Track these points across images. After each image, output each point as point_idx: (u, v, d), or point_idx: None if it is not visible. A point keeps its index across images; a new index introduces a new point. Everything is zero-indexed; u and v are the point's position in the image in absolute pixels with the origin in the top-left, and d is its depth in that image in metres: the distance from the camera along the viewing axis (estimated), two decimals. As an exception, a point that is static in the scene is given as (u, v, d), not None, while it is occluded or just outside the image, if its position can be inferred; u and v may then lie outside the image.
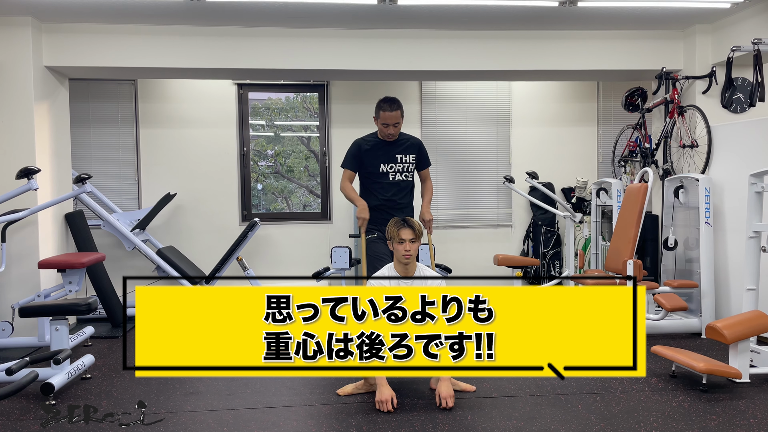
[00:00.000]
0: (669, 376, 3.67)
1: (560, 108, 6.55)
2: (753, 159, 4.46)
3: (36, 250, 4.76)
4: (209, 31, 5.07)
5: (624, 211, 4.94)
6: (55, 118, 5.11)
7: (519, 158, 6.50)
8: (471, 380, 3.56)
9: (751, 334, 3.47)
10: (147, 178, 6.07)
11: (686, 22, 5.20)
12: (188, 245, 6.06)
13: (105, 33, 4.98)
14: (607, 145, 6.52)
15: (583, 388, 3.46)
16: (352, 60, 5.21)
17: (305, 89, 6.34)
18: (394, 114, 3.80)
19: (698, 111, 5.00)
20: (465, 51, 5.30)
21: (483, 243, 6.45)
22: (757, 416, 3.04)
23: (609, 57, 5.40)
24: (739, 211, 4.53)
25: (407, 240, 3.31)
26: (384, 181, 3.91)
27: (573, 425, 2.94)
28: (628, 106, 5.82)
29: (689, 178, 4.88)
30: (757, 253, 3.77)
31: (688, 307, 4.75)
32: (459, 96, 6.42)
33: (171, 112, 6.10)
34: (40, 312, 3.68)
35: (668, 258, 5.16)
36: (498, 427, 2.93)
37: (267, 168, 6.52)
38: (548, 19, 5.07)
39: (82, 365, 3.66)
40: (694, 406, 3.19)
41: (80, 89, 5.90)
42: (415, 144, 4.01)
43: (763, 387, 3.47)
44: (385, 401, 3.14)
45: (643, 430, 2.88)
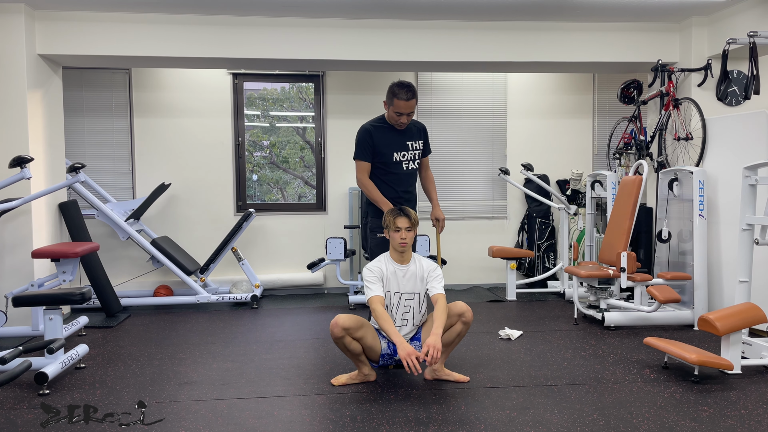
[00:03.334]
0: (661, 368, 3.69)
1: (556, 100, 6.55)
2: (747, 152, 4.47)
3: (29, 240, 4.74)
4: (204, 20, 5.03)
5: (618, 204, 4.96)
6: (49, 107, 5.08)
7: (514, 150, 6.50)
8: (464, 371, 3.58)
9: (743, 326, 3.50)
10: (141, 168, 6.04)
11: (683, 15, 5.20)
12: (183, 235, 6.05)
13: (99, 21, 4.94)
14: (603, 137, 6.53)
15: (576, 379, 3.48)
16: (347, 50, 5.19)
17: (301, 79, 6.32)
18: (409, 103, 3.61)
19: (693, 104, 5.00)
20: (461, 42, 5.28)
21: (478, 234, 6.46)
22: (748, 407, 3.07)
23: (605, 49, 5.40)
24: (733, 204, 4.55)
25: (403, 228, 3.32)
26: (399, 171, 3.75)
27: (566, 415, 2.96)
28: (623, 99, 5.83)
29: (684, 170, 4.89)
30: (750, 245, 3.78)
31: (681, 299, 4.79)
32: (455, 87, 6.40)
33: (166, 102, 6.06)
34: (34, 301, 3.67)
35: (662, 250, 5.18)
36: (491, 417, 2.94)
37: (262, 158, 6.50)
38: (545, 11, 5.06)
39: (76, 355, 3.65)
40: (685, 396, 3.22)
41: (74, 78, 5.86)
42: (422, 129, 3.89)
43: (754, 378, 3.50)
44: (411, 353, 3.03)
45: (636, 420, 2.90)
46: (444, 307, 3.27)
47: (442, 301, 3.30)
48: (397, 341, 3.10)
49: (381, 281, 3.36)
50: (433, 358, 3.03)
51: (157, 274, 5.94)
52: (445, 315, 3.24)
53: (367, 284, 3.34)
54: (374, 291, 3.30)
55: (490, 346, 4.18)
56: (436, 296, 3.34)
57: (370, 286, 3.32)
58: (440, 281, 3.39)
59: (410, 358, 3.02)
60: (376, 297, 3.28)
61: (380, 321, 3.20)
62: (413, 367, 3.01)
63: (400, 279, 3.39)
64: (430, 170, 4.03)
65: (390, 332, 3.15)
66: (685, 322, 4.74)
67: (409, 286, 3.40)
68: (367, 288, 3.33)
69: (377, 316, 3.21)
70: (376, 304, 3.24)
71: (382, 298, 3.30)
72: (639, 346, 4.16)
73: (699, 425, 2.84)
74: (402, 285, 3.39)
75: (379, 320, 3.20)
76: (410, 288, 3.40)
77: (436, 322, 3.19)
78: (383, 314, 3.21)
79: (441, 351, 3.10)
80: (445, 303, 3.30)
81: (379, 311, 3.22)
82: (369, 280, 3.34)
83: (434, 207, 3.93)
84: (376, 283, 3.33)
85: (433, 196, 3.98)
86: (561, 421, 2.89)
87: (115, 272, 5.82)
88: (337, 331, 3.23)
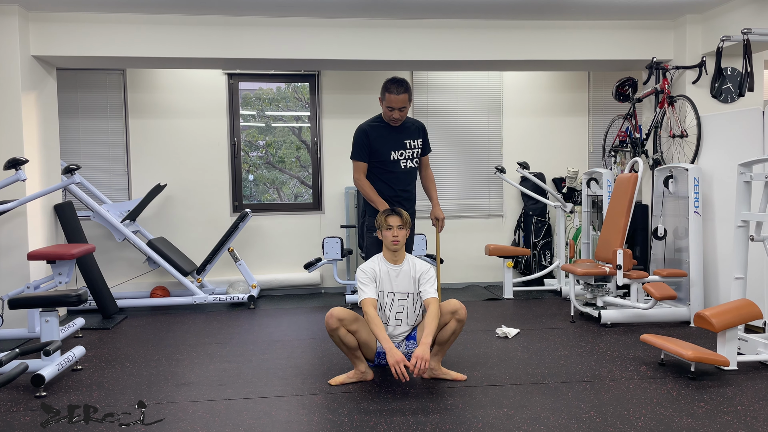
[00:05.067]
0: (658, 364, 3.70)
1: (551, 98, 6.56)
2: (742, 149, 4.48)
3: (25, 242, 4.73)
4: (199, 20, 5.02)
5: (614, 201, 4.97)
6: (43, 108, 5.07)
7: (510, 148, 6.51)
8: (461, 370, 3.59)
9: (738, 322, 3.51)
10: (137, 169, 6.03)
11: (677, 12, 5.21)
12: (179, 236, 6.04)
13: (93, 22, 4.93)
14: (598, 135, 6.54)
15: (573, 377, 3.49)
16: (343, 49, 5.19)
17: (296, 79, 6.31)
18: (401, 97, 3.59)
19: (688, 101, 5.02)
20: (456, 40, 5.29)
21: (474, 233, 6.47)
22: (744, 403, 3.08)
23: (600, 47, 5.41)
24: (728, 201, 4.56)
25: (395, 226, 3.32)
26: (397, 170, 3.73)
27: (563, 413, 2.96)
28: (618, 96, 5.84)
29: (679, 167, 4.91)
30: (746, 242, 3.80)
31: (677, 295, 4.80)
32: (450, 86, 6.41)
33: (161, 103, 6.05)
34: (30, 303, 3.66)
35: (658, 247, 5.20)
36: (488, 415, 2.95)
37: (258, 158, 6.49)
38: (540, 9, 5.06)
39: (72, 357, 3.65)
40: (682, 393, 3.23)
41: (68, 79, 5.84)
42: (421, 128, 3.87)
43: (750, 374, 3.51)
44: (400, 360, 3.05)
45: (632, 417, 2.91)
46: (435, 313, 3.24)
47: (433, 306, 3.27)
48: (387, 347, 3.11)
49: (374, 282, 3.35)
50: (420, 370, 3.04)
51: (153, 275, 5.93)
52: (435, 322, 3.22)
53: (359, 285, 3.34)
54: (366, 293, 3.30)
55: (487, 345, 4.18)
56: (427, 300, 3.32)
57: (362, 288, 3.32)
58: (432, 284, 3.37)
59: (398, 366, 3.04)
60: (368, 299, 3.28)
61: (371, 325, 3.19)
62: (401, 374, 3.04)
63: (393, 279, 3.38)
64: (431, 169, 4.01)
65: (380, 337, 3.15)
66: (681, 318, 4.76)
67: (402, 286, 3.39)
68: (359, 289, 3.33)
69: (368, 320, 3.21)
70: (368, 307, 3.24)
71: (374, 300, 3.29)
72: (635, 343, 4.18)
73: (695, 421, 2.85)
74: (395, 285, 3.39)
75: (371, 324, 3.20)
76: (403, 288, 3.39)
77: (426, 330, 3.18)
78: (374, 318, 3.21)
79: (429, 362, 3.10)
80: (437, 308, 3.27)
81: (370, 314, 3.21)
82: (362, 281, 3.34)
83: (434, 206, 3.92)
84: (369, 284, 3.33)
85: (433, 195, 3.97)
86: (558, 419, 2.89)
87: (112, 274, 5.81)
88: (332, 322, 3.23)
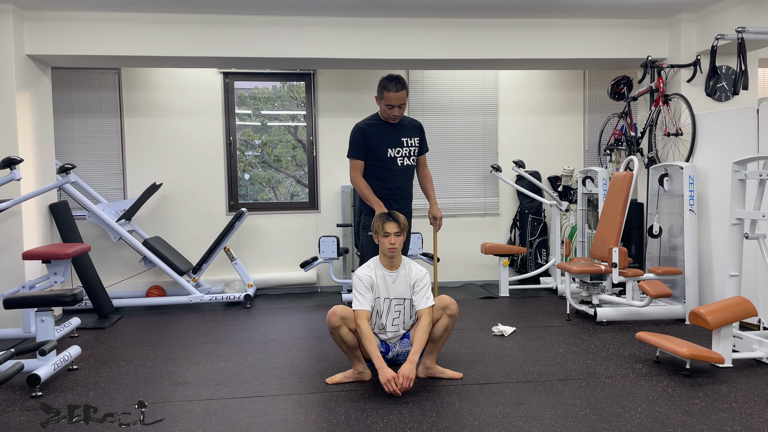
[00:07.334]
0: (653, 362, 3.72)
1: (547, 97, 6.57)
2: (736, 147, 4.50)
3: (20, 241, 4.71)
4: (194, 19, 5.01)
5: (609, 200, 4.98)
6: (38, 108, 5.05)
7: (506, 147, 6.51)
8: (457, 368, 3.59)
9: (733, 319, 3.53)
10: (132, 168, 6.02)
11: (672, 11, 5.22)
12: (175, 235, 6.03)
13: (88, 21, 4.91)
14: (593, 133, 6.56)
15: (568, 374, 3.50)
16: (338, 48, 5.18)
17: (292, 78, 6.30)
18: (400, 94, 3.60)
19: (683, 99, 5.03)
20: (452, 39, 5.29)
21: (470, 232, 6.47)
22: (739, 400, 3.09)
23: (595, 45, 5.42)
24: (723, 199, 4.58)
25: (392, 233, 3.31)
26: (393, 167, 3.73)
27: (559, 411, 2.97)
28: (613, 95, 5.85)
29: (674, 166, 4.92)
30: (740, 240, 3.81)
31: (672, 293, 4.81)
32: (446, 85, 6.41)
33: (156, 102, 6.03)
34: (25, 303, 3.65)
35: (653, 245, 5.22)
36: (485, 413, 2.96)
37: (254, 157, 6.48)
38: (535, 8, 5.07)
39: (68, 356, 3.64)
40: (677, 390, 3.24)
41: (63, 78, 5.82)
42: (418, 126, 3.87)
43: (745, 371, 3.53)
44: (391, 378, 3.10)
45: (628, 414, 2.92)
46: (426, 327, 3.24)
47: (425, 320, 3.26)
48: (378, 365, 3.14)
49: (370, 291, 3.34)
50: (404, 388, 3.11)
51: (149, 274, 5.92)
52: (425, 336, 3.24)
53: (355, 294, 3.33)
54: (361, 304, 3.28)
55: (483, 343, 4.19)
56: (420, 312, 3.32)
57: (358, 297, 3.31)
58: (426, 291, 3.35)
59: (390, 384, 3.09)
60: (361, 312, 3.26)
61: (364, 340, 3.20)
62: (393, 391, 3.09)
63: (389, 285, 3.38)
64: (428, 168, 4.01)
65: (372, 354, 3.16)
66: (677, 316, 4.78)
67: (398, 291, 3.38)
68: (355, 297, 3.32)
69: (361, 335, 3.21)
70: (361, 321, 3.23)
71: (368, 313, 3.28)
72: (631, 340, 4.19)
73: (691, 419, 2.86)
74: (392, 291, 3.38)
75: (363, 339, 3.20)
76: (400, 294, 3.38)
77: (414, 346, 3.20)
78: (367, 333, 3.21)
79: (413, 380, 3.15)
80: (429, 322, 3.27)
81: (363, 329, 3.21)
82: (358, 290, 3.32)
83: (432, 205, 3.92)
84: (365, 294, 3.31)
85: (430, 194, 3.97)
86: (554, 417, 2.90)
87: (107, 273, 5.79)
88: (335, 319, 3.23)
